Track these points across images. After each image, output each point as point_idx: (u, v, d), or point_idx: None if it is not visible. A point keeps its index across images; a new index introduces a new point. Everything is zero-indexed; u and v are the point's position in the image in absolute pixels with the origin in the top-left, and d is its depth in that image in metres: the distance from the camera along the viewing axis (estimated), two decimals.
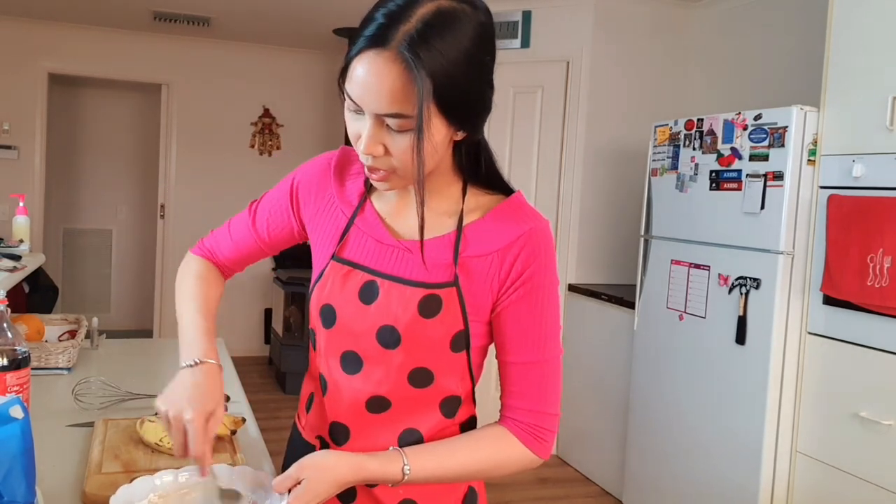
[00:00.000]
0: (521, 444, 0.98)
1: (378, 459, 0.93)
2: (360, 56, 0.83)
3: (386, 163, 0.89)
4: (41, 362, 1.77)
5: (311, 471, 0.90)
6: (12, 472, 0.84)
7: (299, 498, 0.88)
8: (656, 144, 3.15)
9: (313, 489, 0.89)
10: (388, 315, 0.97)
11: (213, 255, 1.18)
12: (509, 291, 0.96)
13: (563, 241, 3.92)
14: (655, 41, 3.97)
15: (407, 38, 0.81)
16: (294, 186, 1.10)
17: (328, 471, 0.91)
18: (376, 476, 0.93)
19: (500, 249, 0.96)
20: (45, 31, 5.26)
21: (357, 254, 1.01)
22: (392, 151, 0.87)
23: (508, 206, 0.99)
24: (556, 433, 1.00)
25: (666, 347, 3.06)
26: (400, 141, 0.86)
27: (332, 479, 0.90)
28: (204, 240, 1.20)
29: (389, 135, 0.86)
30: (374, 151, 0.87)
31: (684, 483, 2.95)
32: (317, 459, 0.92)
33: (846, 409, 2.41)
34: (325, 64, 5.92)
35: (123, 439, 1.26)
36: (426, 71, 0.81)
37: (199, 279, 1.13)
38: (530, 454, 0.98)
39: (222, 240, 1.17)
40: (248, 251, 1.16)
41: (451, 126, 0.88)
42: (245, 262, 1.18)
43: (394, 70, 0.81)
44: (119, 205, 6.53)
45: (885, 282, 2.24)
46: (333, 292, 1.01)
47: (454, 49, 0.83)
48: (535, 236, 0.96)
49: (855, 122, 2.41)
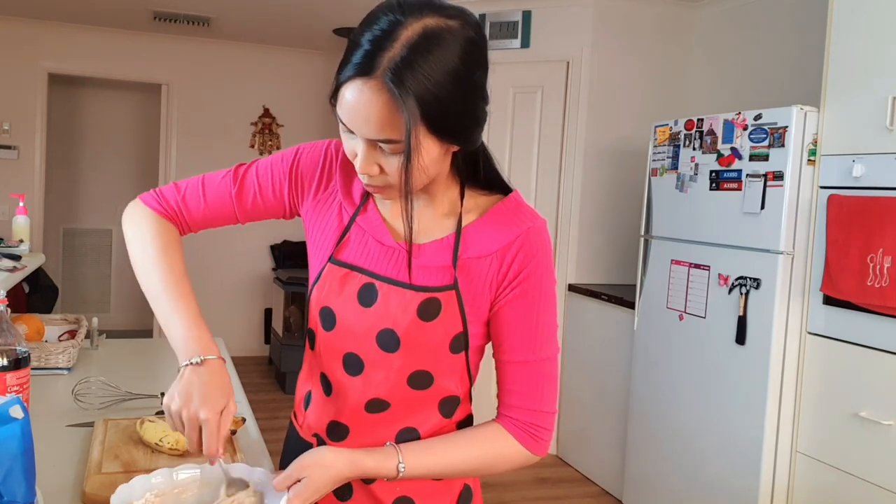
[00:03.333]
0: (517, 442, 0.99)
1: (374, 457, 0.96)
2: (349, 84, 0.84)
3: (382, 180, 0.90)
4: (41, 362, 1.77)
5: (311, 469, 0.92)
6: (12, 472, 0.84)
7: (300, 495, 0.90)
8: (656, 144, 3.15)
9: (313, 486, 0.92)
10: (387, 319, 0.97)
11: (178, 214, 1.08)
12: (507, 290, 0.97)
13: (563, 241, 3.92)
14: (655, 41, 3.96)
15: (392, 65, 0.80)
16: (296, 166, 1.07)
17: (327, 468, 0.93)
18: (372, 473, 0.96)
19: (499, 250, 0.96)
20: (45, 31, 5.26)
21: (356, 255, 1.01)
22: (387, 171, 0.89)
23: (506, 207, 0.99)
24: (553, 431, 1.01)
25: (666, 347, 3.05)
26: (394, 161, 0.87)
27: (330, 475, 0.93)
28: (163, 191, 1.09)
29: (383, 155, 0.87)
30: (369, 171, 0.89)
31: (684, 483, 2.95)
32: (315, 457, 0.94)
33: (846, 409, 2.41)
34: (325, 64, 5.92)
35: (123, 439, 1.26)
36: (413, 96, 0.81)
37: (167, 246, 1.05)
38: (526, 452, 1.00)
39: (193, 199, 1.08)
40: (220, 216, 1.09)
41: (444, 143, 0.89)
42: (210, 225, 1.11)
43: (380, 99, 0.82)
44: (119, 205, 6.48)
45: (885, 282, 2.24)
46: (332, 295, 1.01)
47: (441, 70, 0.82)
48: (533, 236, 0.97)
49: (855, 122, 2.41)
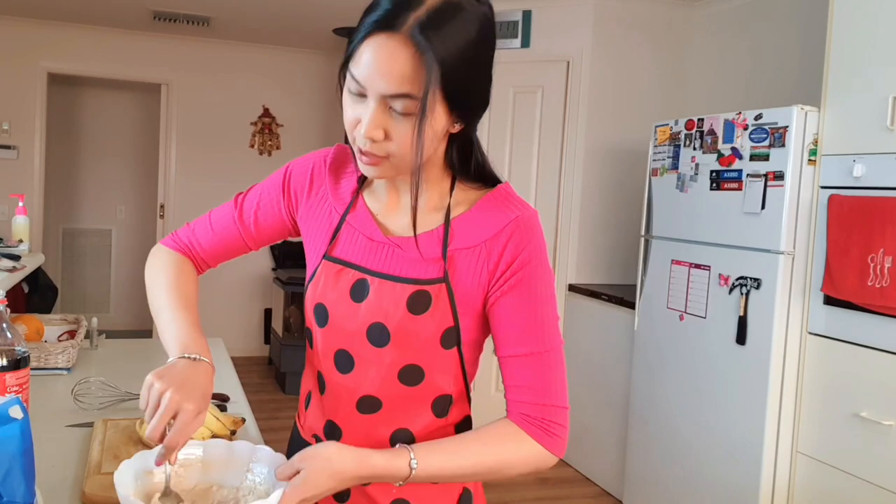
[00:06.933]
0: (532, 439, 0.94)
1: (384, 454, 0.90)
2: (369, 40, 0.84)
3: (383, 148, 0.88)
4: (41, 362, 1.77)
5: (311, 461, 0.87)
6: (12, 472, 0.84)
7: (296, 489, 0.85)
8: (657, 144, 3.15)
9: (311, 480, 0.86)
10: (378, 312, 0.96)
11: (191, 249, 1.14)
12: (500, 282, 0.95)
13: (563, 241, 3.92)
14: (655, 41, 3.96)
15: (418, 23, 0.82)
16: (287, 180, 1.09)
17: (328, 461, 0.87)
18: (381, 471, 0.90)
19: (488, 240, 0.95)
20: (44, 31, 5.25)
21: (348, 252, 1.01)
22: (392, 136, 0.87)
23: (495, 197, 0.98)
24: (567, 428, 0.95)
25: (666, 347, 3.05)
26: (402, 125, 0.86)
27: (332, 470, 0.87)
28: (178, 232, 1.16)
29: (392, 119, 0.86)
30: (374, 135, 0.87)
31: (684, 483, 2.95)
32: (318, 450, 0.89)
33: (846, 409, 2.41)
34: (325, 64, 5.92)
35: (123, 439, 1.25)
36: (436, 57, 0.83)
37: (178, 273, 1.09)
38: (543, 451, 0.94)
39: (202, 232, 1.13)
40: (230, 244, 1.13)
41: (452, 115, 0.89)
42: (224, 255, 1.14)
43: (404, 53, 0.83)
44: (119, 204, 6.53)
45: (885, 282, 2.24)
46: (326, 291, 1.01)
47: (461, 38, 0.84)
48: (523, 224, 0.95)
49: (855, 122, 2.41)
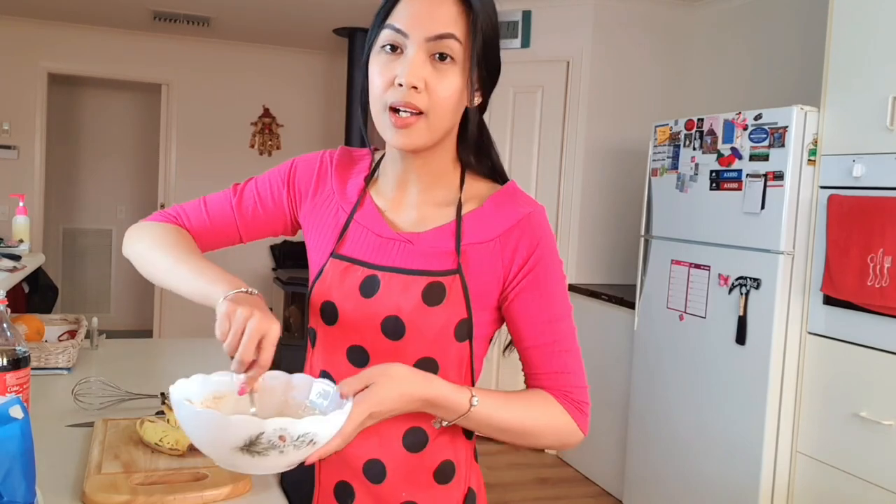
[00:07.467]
0: (567, 414, 0.98)
1: (449, 385, 0.90)
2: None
3: (422, 100, 0.89)
4: (41, 362, 1.77)
5: (381, 378, 0.85)
6: (12, 472, 0.84)
7: (367, 401, 0.83)
8: (656, 144, 3.15)
9: (381, 395, 0.84)
10: (391, 305, 0.96)
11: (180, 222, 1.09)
12: (518, 279, 0.97)
13: (563, 241, 3.92)
14: (655, 41, 3.96)
15: None
16: (293, 175, 1.08)
17: (397, 380, 0.86)
18: (443, 399, 0.89)
19: (500, 235, 0.97)
20: (44, 31, 5.26)
21: (357, 249, 1.01)
22: (432, 87, 0.90)
23: (504, 194, 1.00)
24: (590, 406, 1.01)
25: (666, 347, 3.05)
26: (443, 76, 0.90)
27: (401, 390, 0.86)
28: (165, 210, 1.11)
29: (433, 68, 0.90)
30: (416, 81, 0.88)
31: (684, 483, 2.95)
32: (388, 368, 0.87)
33: (846, 409, 2.41)
34: (325, 64, 5.92)
35: (123, 439, 1.25)
36: (474, 6, 0.90)
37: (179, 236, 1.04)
38: (574, 427, 0.99)
39: (195, 214, 1.09)
40: (222, 231, 1.09)
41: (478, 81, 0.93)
42: (212, 242, 1.10)
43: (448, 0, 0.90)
44: (119, 204, 6.53)
45: (885, 282, 2.24)
46: (333, 288, 1.00)
47: (491, 7, 0.92)
48: (534, 220, 0.97)
49: (855, 122, 2.41)
